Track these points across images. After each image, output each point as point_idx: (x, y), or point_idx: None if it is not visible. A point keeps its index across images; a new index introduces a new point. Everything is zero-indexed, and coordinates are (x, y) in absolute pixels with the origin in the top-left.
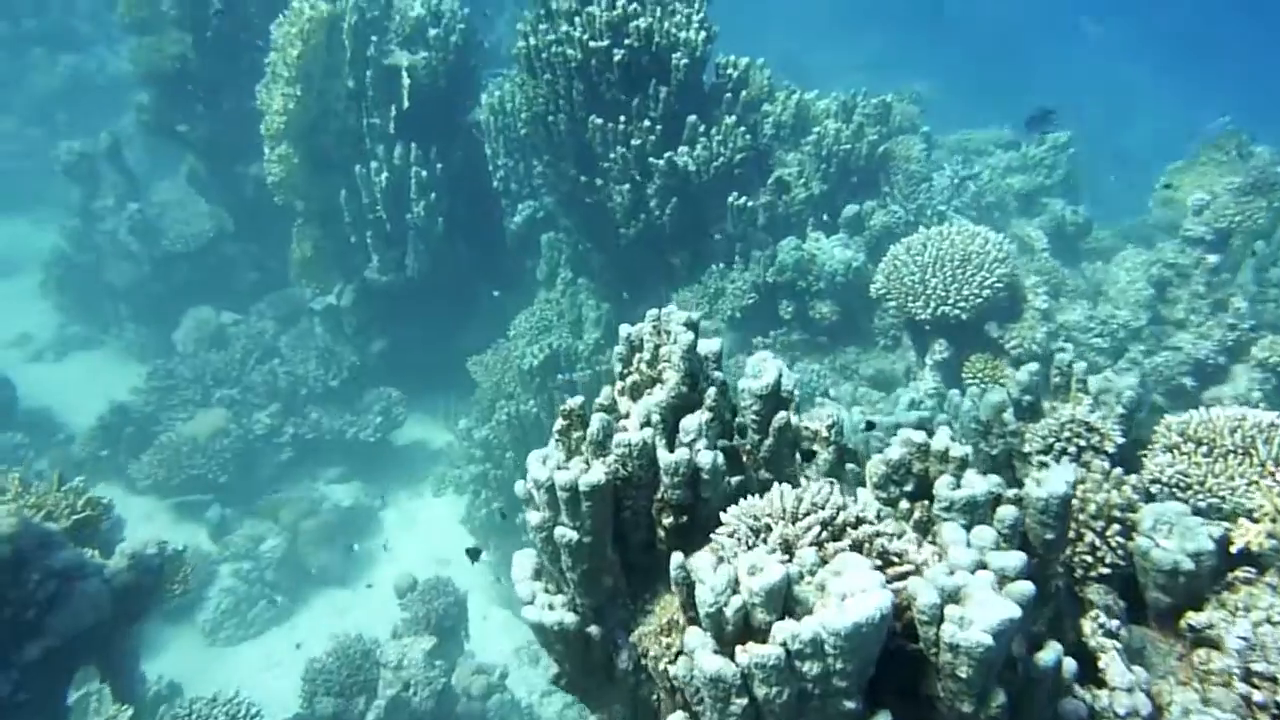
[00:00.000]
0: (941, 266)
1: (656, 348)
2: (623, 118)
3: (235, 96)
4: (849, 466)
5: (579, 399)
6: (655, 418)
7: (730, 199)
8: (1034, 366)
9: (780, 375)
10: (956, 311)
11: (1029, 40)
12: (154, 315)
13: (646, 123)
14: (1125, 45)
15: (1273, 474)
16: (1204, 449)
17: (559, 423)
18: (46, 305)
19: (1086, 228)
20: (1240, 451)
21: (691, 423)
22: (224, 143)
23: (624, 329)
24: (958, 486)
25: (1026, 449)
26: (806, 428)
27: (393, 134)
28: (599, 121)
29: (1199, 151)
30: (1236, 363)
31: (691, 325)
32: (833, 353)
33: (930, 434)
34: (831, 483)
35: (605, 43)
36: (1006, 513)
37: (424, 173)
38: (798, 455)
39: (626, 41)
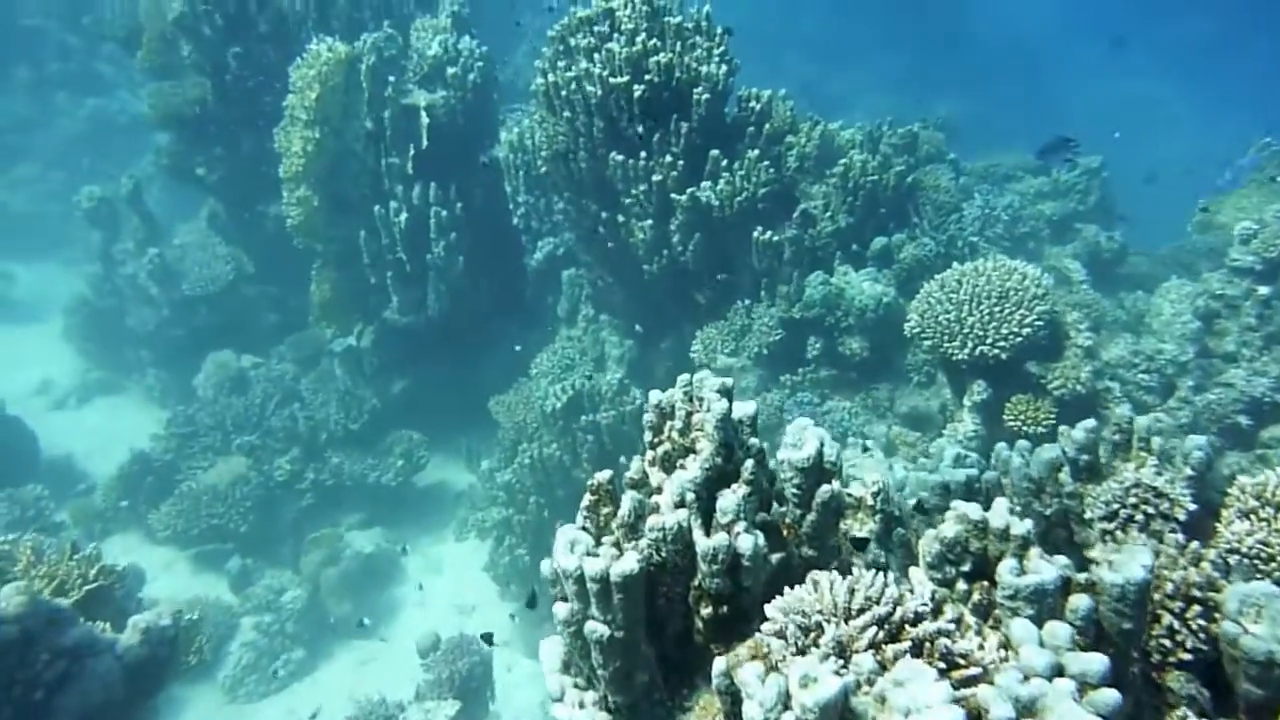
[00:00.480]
0: (978, 304)
1: (689, 415)
2: (644, 154)
3: (254, 138)
4: (897, 531)
5: (607, 473)
6: (690, 496)
7: (755, 234)
8: (1091, 423)
9: (822, 445)
10: (995, 351)
11: (1049, 59)
12: (175, 360)
13: (668, 158)
14: (1144, 62)
15: None
16: None
17: (586, 498)
18: (69, 350)
19: (1122, 254)
20: None
21: (729, 502)
22: (243, 184)
23: (653, 396)
24: (1022, 571)
25: (1088, 514)
26: (850, 495)
27: (412, 174)
28: (620, 158)
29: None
30: None
31: (725, 392)
32: (864, 390)
33: (982, 491)
34: (885, 568)
35: (625, 79)
36: (1080, 603)
37: (444, 212)
38: (843, 535)
39: (647, 77)
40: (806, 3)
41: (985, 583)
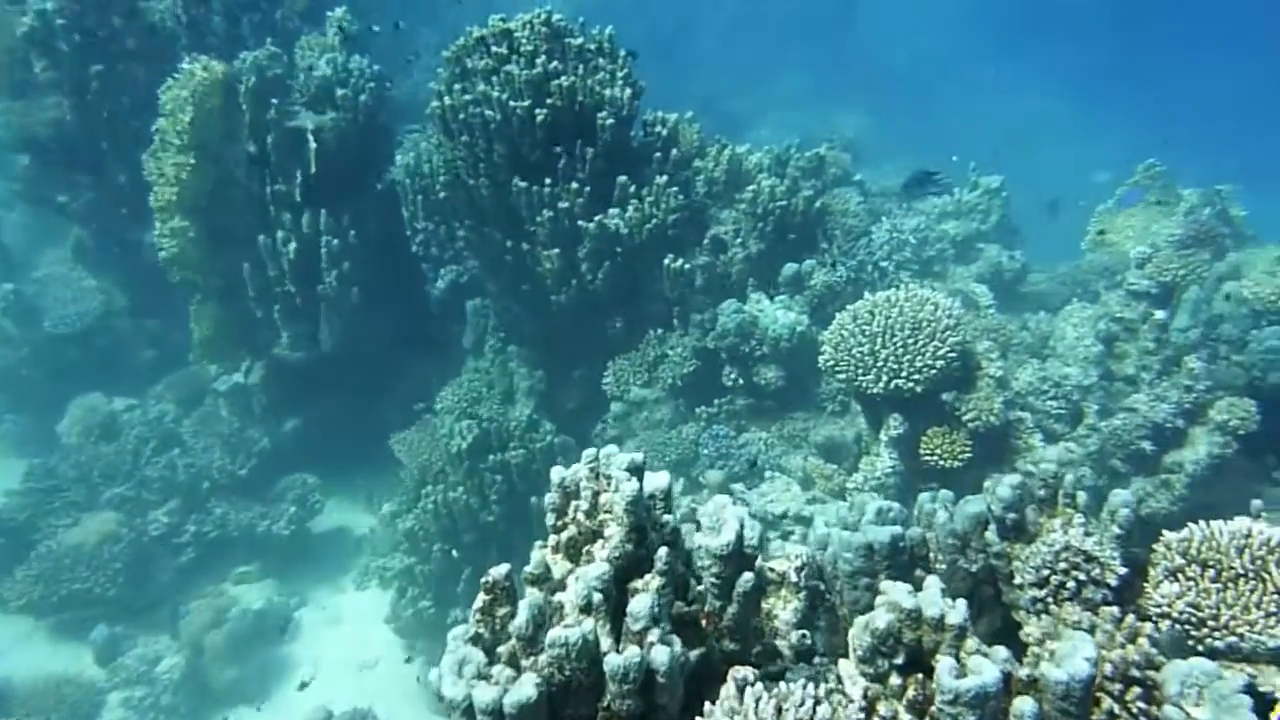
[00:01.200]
0: (891, 336)
1: (595, 495)
2: (548, 180)
3: (124, 163)
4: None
5: (504, 569)
6: (597, 597)
7: (666, 261)
8: (1016, 479)
9: (742, 528)
10: (910, 384)
11: (946, 74)
12: (35, 405)
13: (574, 184)
14: (1031, 80)
15: None
16: (1211, 573)
17: (480, 598)
18: None
19: (1023, 273)
20: (1252, 576)
21: (642, 607)
22: (112, 212)
23: (555, 474)
24: (962, 672)
25: (1017, 579)
26: (772, 570)
27: (300, 201)
28: (523, 184)
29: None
30: (1195, 425)
31: (635, 469)
32: (780, 419)
33: (907, 551)
34: (816, 680)
35: (526, 103)
36: (1024, 708)
37: (335, 241)
38: (766, 616)
39: (549, 101)
40: (705, 21)
41: (920, 675)
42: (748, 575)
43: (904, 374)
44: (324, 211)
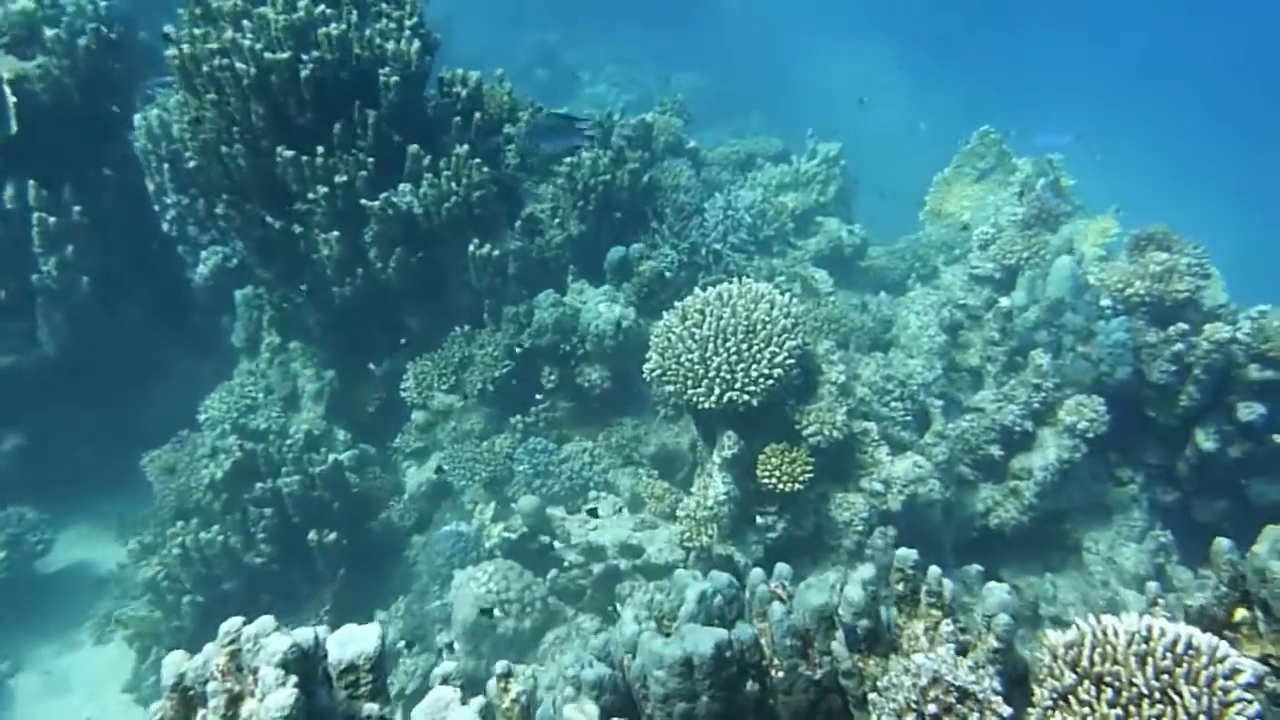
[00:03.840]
0: (724, 341)
1: (232, 699)
2: (321, 149)
3: None
4: None
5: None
6: None
7: (471, 247)
8: (868, 574)
9: None
10: (745, 397)
11: (783, 31)
12: None
13: (354, 155)
14: (875, 43)
15: None
16: (1109, 693)
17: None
18: None
19: (863, 248)
20: (1159, 697)
21: None
22: None
23: (171, 665)
24: None
25: (873, 715)
26: None
27: None
28: (289, 154)
29: (961, 160)
30: (1043, 426)
31: (302, 655)
32: (608, 426)
33: (734, 661)
34: None
35: (286, 54)
36: None
37: (52, 220)
38: None
39: (315, 53)
40: None
41: None
42: None
43: (738, 385)
44: (33, 183)
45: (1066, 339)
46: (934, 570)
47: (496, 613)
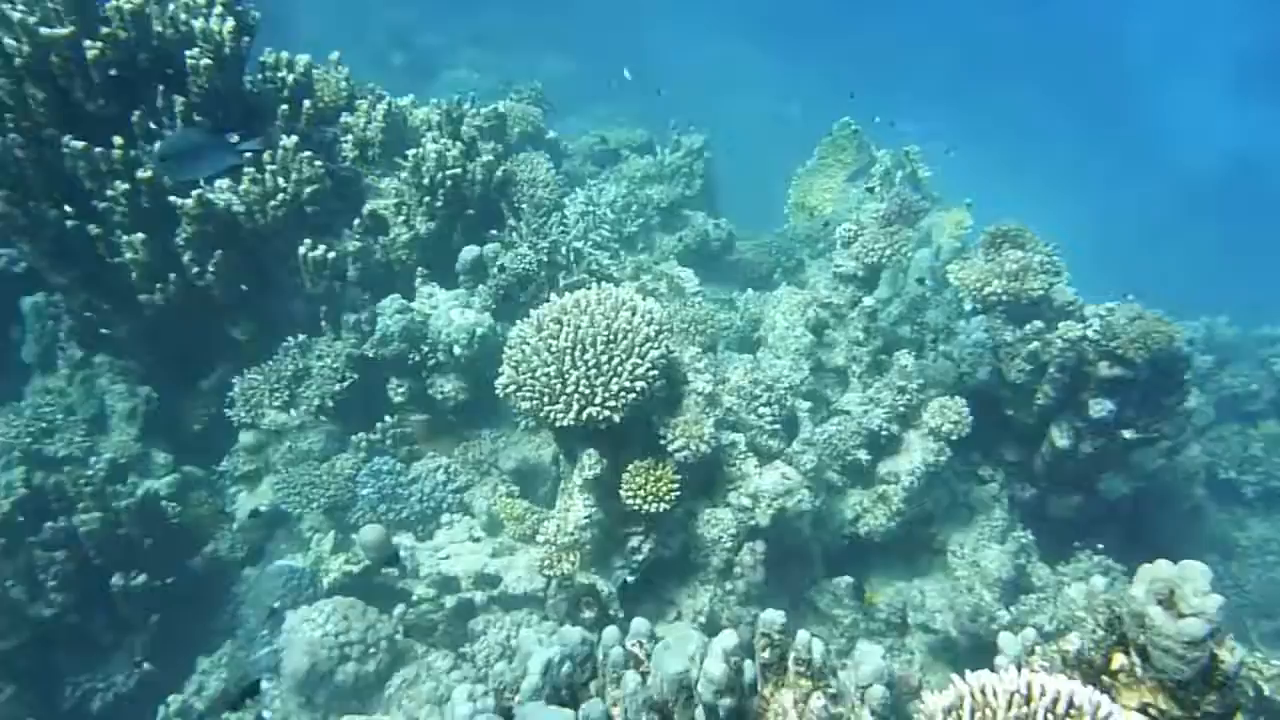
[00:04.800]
0: (583, 353)
1: None
2: (119, 140)
3: None
4: None
5: None
6: None
7: (303, 248)
8: (730, 643)
9: None
10: (606, 413)
11: (648, 14)
12: None
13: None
14: (739, 23)
15: None
16: None
17: None
18: None
19: (730, 242)
20: None
21: None
22: None
23: None
24: None
25: None
26: None
27: None
28: (79, 145)
29: (823, 152)
30: (909, 429)
31: None
32: (464, 439)
33: None
34: None
35: (67, 30)
36: None
37: None
38: None
39: (105, 30)
40: None
41: None
42: None
43: (598, 400)
44: None
45: (928, 337)
46: (802, 636)
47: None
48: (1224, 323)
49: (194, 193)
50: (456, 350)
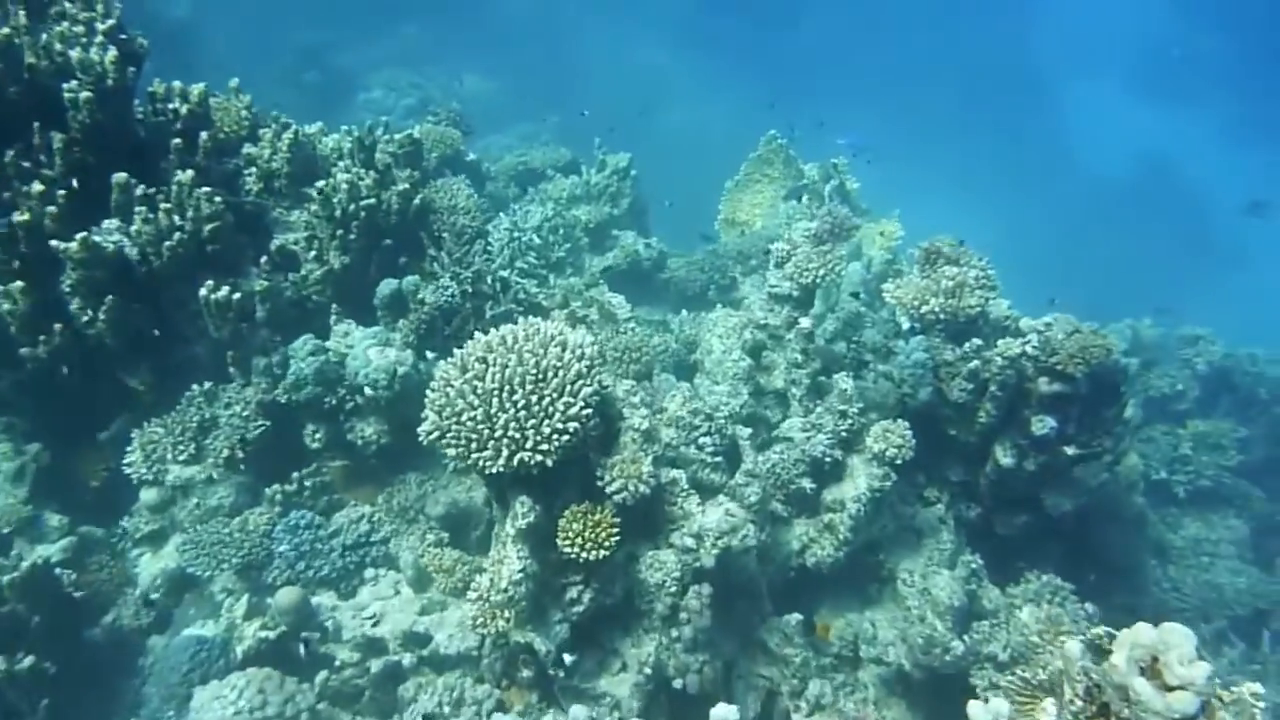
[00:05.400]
0: (511, 394)
1: None
2: None
3: None
4: None
5: None
6: None
7: (204, 290)
8: None
9: None
10: (539, 457)
11: (567, 26)
12: None
13: (37, 187)
14: (642, 33)
15: None
16: None
17: None
18: None
19: (662, 261)
20: None
21: None
22: None
23: None
24: None
25: None
26: None
27: None
28: None
29: (750, 166)
30: (852, 454)
31: None
32: (389, 485)
33: None
34: None
35: None
36: None
37: None
38: None
39: None
40: None
41: None
42: None
43: (530, 445)
44: None
45: (867, 357)
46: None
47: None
48: (1147, 324)
49: (78, 236)
50: (376, 392)
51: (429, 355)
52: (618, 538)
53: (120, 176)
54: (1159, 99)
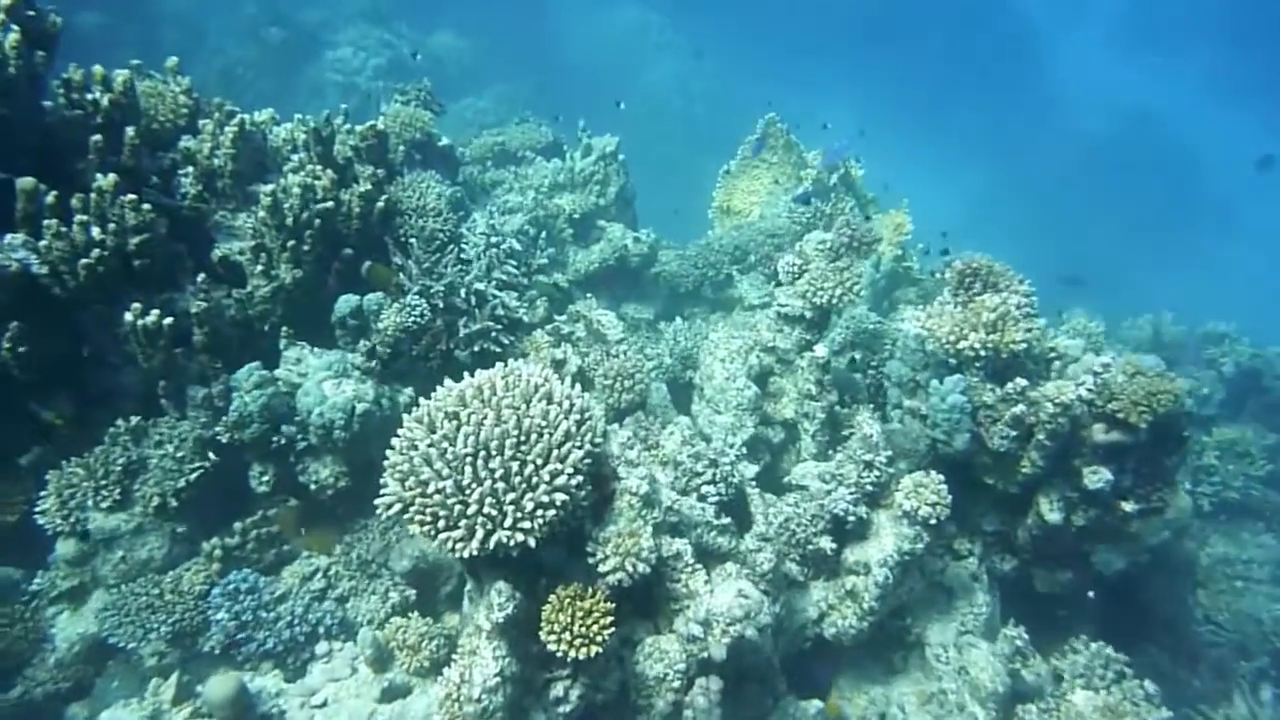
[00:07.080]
0: (488, 461)
1: None
2: None
3: None
4: None
5: None
6: None
7: (130, 315)
8: None
9: None
10: (520, 537)
11: None
12: None
13: None
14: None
15: None
16: None
17: None
18: None
19: (652, 255)
20: None
21: None
22: None
23: None
24: None
25: None
26: None
27: None
28: None
29: (747, 151)
30: (879, 509)
31: None
32: (350, 531)
33: None
34: None
35: None
36: None
37: None
38: None
39: None
40: None
41: None
42: None
43: (509, 523)
44: None
45: (891, 392)
46: None
47: None
48: (1169, 320)
49: None
50: (335, 433)
51: (393, 385)
52: (612, 629)
53: (26, 182)
54: (1142, 51)
